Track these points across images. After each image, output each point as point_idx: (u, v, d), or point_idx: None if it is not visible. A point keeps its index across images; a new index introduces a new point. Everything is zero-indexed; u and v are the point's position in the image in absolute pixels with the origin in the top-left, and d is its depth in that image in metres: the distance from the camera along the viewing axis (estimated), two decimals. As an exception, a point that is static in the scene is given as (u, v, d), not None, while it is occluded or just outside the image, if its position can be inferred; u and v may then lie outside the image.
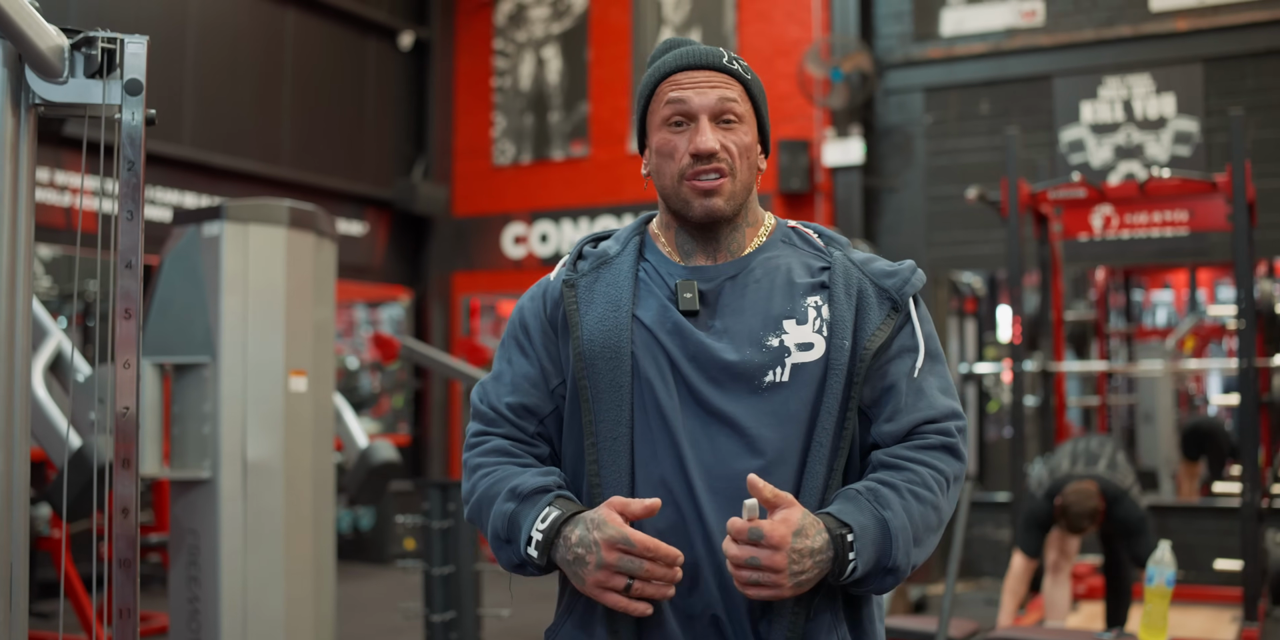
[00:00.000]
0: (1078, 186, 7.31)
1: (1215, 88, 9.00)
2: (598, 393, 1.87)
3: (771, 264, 1.95)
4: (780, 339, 1.87)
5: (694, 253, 1.96)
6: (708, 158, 1.88)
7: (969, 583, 9.20)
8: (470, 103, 12.14)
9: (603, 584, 1.74)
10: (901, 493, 1.80)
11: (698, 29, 10.94)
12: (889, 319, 1.91)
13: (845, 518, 1.75)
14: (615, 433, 1.85)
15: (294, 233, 4.78)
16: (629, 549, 1.72)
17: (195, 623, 4.57)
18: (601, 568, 1.73)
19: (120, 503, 2.26)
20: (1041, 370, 7.79)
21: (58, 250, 8.48)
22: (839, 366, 1.85)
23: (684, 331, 1.87)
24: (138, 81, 2.24)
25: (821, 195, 10.17)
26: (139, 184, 2.25)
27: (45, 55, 2.17)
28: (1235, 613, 7.02)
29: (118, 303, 2.25)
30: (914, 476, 1.83)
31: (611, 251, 1.99)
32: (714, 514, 1.81)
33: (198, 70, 9.74)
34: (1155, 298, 11.87)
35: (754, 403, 1.84)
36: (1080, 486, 5.84)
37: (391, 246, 11.95)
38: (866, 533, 1.75)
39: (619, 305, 1.90)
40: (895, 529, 1.76)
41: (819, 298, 1.91)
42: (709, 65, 1.94)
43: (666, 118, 1.92)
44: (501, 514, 1.85)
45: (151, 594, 8.06)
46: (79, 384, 4.84)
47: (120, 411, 2.26)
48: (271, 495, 4.64)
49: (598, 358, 1.87)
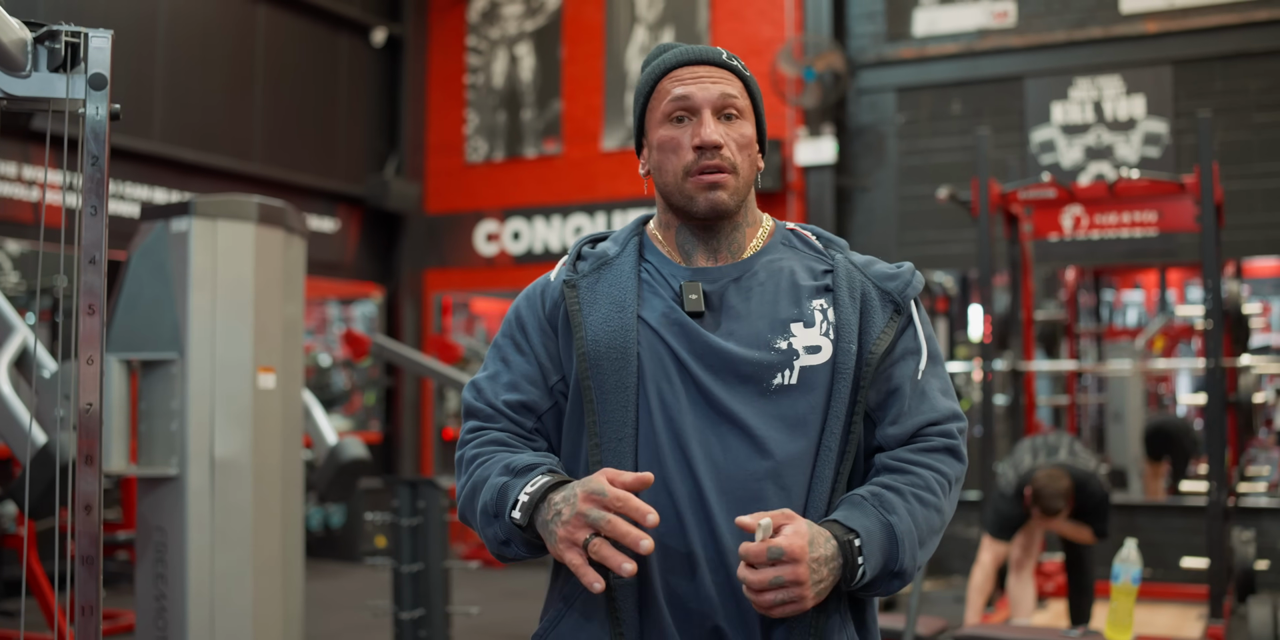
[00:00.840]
0: (1048, 187, 7.35)
1: (1184, 89, 9.06)
2: (603, 394, 1.84)
3: (774, 266, 1.94)
4: (788, 342, 1.86)
5: (695, 253, 1.95)
6: (712, 151, 1.87)
7: (938, 580, 9.24)
8: (443, 100, 12.11)
9: (569, 535, 1.70)
10: (906, 497, 1.80)
11: (670, 27, 10.94)
12: (892, 321, 1.91)
13: (851, 523, 1.75)
14: (620, 434, 1.83)
15: (263, 229, 4.76)
16: (603, 500, 1.68)
17: (162, 621, 4.54)
18: (573, 517, 1.69)
19: (83, 499, 2.25)
20: (1012, 369, 7.83)
21: (25, 245, 8.42)
22: (846, 370, 1.85)
23: (691, 332, 1.86)
24: (102, 76, 2.23)
25: (794, 194, 10.19)
26: (103, 179, 2.23)
27: (8, 49, 2.15)
28: (1201, 610, 7.07)
29: (81, 298, 2.24)
30: (917, 480, 1.83)
31: (610, 252, 1.97)
32: (723, 515, 1.79)
33: (168, 64, 9.68)
34: (1125, 298, 11.93)
35: (762, 405, 1.83)
36: (1048, 471, 5.91)
37: (363, 243, 11.91)
38: (873, 538, 1.75)
39: (623, 306, 1.88)
40: (901, 533, 1.77)
41: (824, 301, 1.90)
42: (710, 61, 1.93)
43: (669, 113, 1.91)
44: (493, 487, 1.81)
45: (119, 591, 8.01)
46: (44, 380, 4.81)
47: (83, 408, 2.25)
48: (240, 492, 4.62)
49: (603, 358, 1.85)
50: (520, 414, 1.93)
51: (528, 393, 1.93)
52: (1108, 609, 5.09)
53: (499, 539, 1.82)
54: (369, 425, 11.80)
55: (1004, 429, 8.43)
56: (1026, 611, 6.40)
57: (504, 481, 1.81)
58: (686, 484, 1.81)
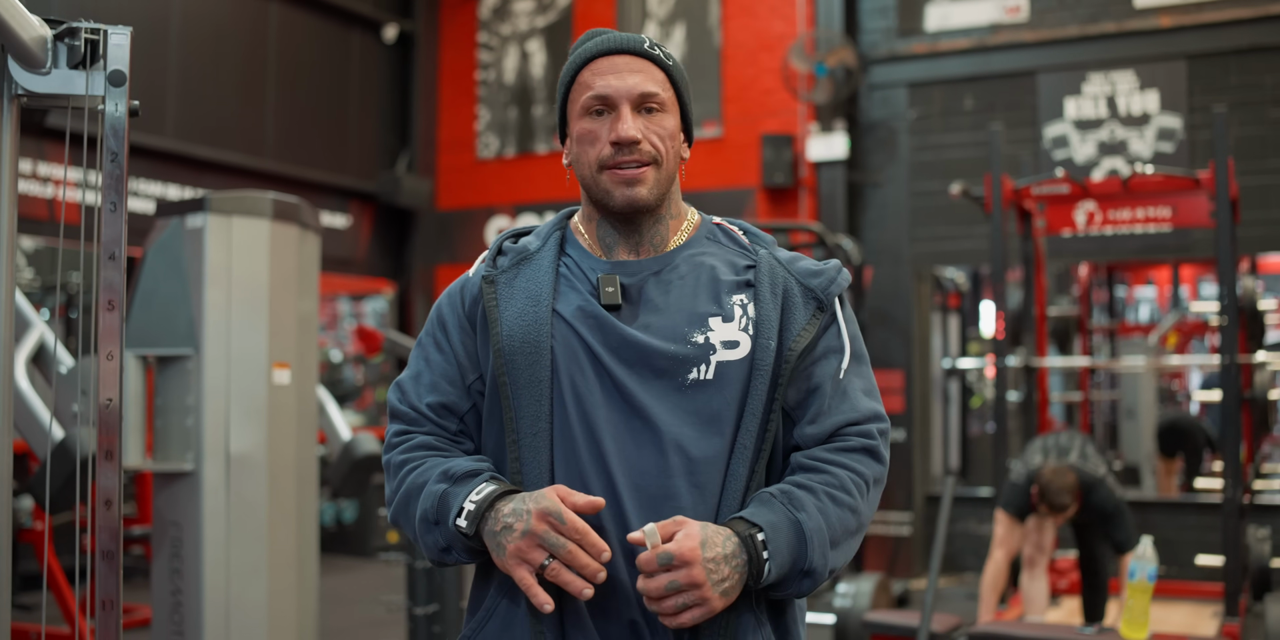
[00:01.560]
0: (1061, 182, 7.33)
1: (1199, 84, 9.03)
2: (517, 389, 1.82)
3: (696, 260, 1.91)
4: (705, 336, 1.83)
5: (616, 246, 1.93)
6: (629, 146, 1.84)
7: (951, 577, 9.23)
8: (454, 96, 12.12)
9: (522, 553, 1.69)
10: (817, 494, 1.77)
11: (682, 23, 10.93)
12: (814, 319, 1.88)
13: (755, 519, 1.72)
14: (535, 429, 1.81)
15: (278, 225, 4.77)
16: (559, 524, 1.67)
17: (178, 615, 4.56)
18: (526, 535, 1.68)
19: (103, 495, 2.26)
20: (1024, 366, 7.81)
21: (40, 242, 8.44)
22: (764, 366, 1.82)
23: (606, 325, 1.83)
24: (121, 72, 2.23)
25: (805, 190, 10.17)
26: (122, 175, 2.24)
27: (28, 46, 2.16)
28: (1216, 608, 7.05)
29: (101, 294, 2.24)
30: (831, 479, 1.80)
31: (532, 247, 1.95)
32: (636, 512, 1.77)
33: (181, 62, 9.70)
34: (1138, 294, 11.91)
35: (678, 400, 1.81)
36: (1054, 467, 5.90)
37: (375, 239, 11.92)
38: (779, 533, 1.72)
39: (538, 300, 1.86)
40: (809, 530, 1.73)
41: (744, 296, 1.87)
42: (630, 50, 1.90)
43: (587, 106, 1.88)
44: (432, 494, 1.80)
45: (134, 586, 8.04)
46: (61, 376, 4.82)
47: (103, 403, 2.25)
48: (255, 487, 4.63)
49: (517, 353, 1.83)
50: (443, 417, 1.91)
51: (448, 394, 1.91)
52: (1123, 606, 5.08)
53: (439, 546, 1.81)
54: (381, 421, 11.81)
55: (1017, 425, 8.42)
56: (1040, 608, 6.40)
57: (443, 489, 1.79)
58: (601, 480, 1.79)
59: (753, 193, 10.37)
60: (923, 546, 9.61)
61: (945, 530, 5.61)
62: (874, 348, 9.62)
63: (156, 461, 4.63)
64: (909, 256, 9.80)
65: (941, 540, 5.54)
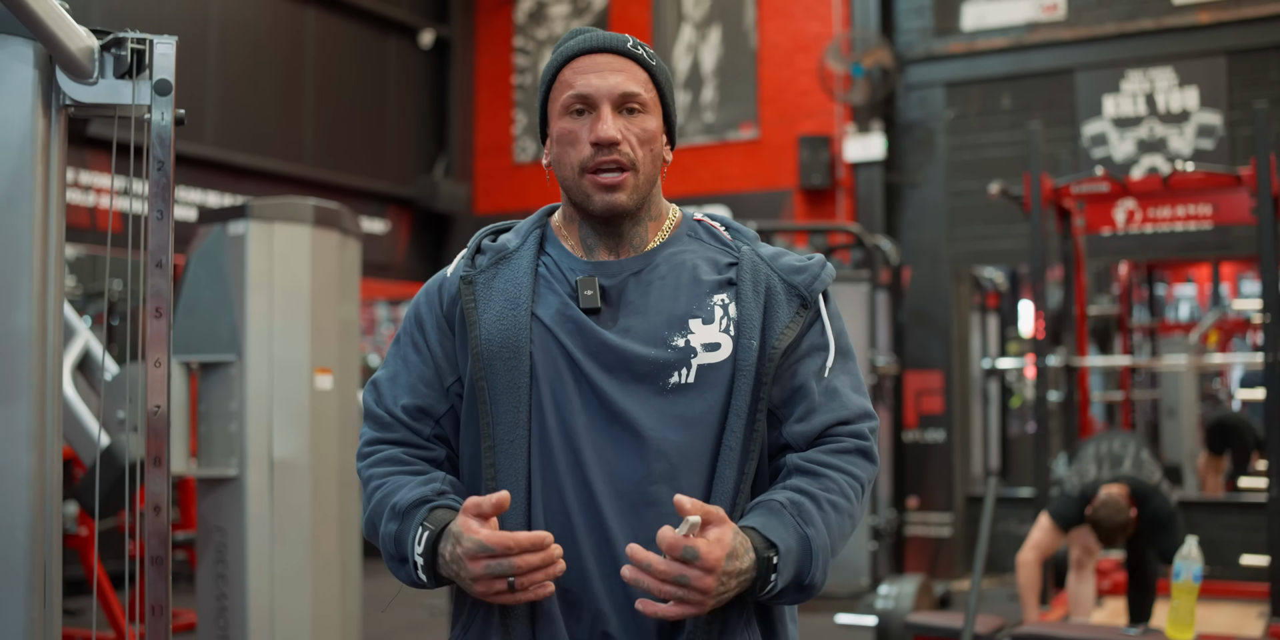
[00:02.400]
0: (1100, 181, 7.29)
1: (1239, 80, 8.96)
2: (495, 394, 1.79)
3: (677, 260, 1.88)
4: (686, 339, 1.80)
5: (596, 247, 1.89)
6: (609, 147, 1.80)
7: (994, 578, 9.19)
8: (491, 100, 12.15)
9: (486, 590, 1.67)
10: (822, 505, 1.75)
11: (718, 25, 10.93)
12: (798, 316, 1.84)
13: (771, 536, 1.69)
14: (512, 435, 1.78)
15: (319, 231, 4.80)
16: (490, 553, 1.64)
17: (223, 620, 4.59)
18: (476, 580, 1.66)
19: (151, 500, 2.28)
20: (1065, 365, 7.76)
21: (81, 250, 8.52)
22: (747, 367, 1.79)
23: (585, 329, 1.80)
24: (167, 82, 2.25)
25: (843, 191, 10.16)
26: (169, 184, 2.26)
27: (76, 56, 2.18)
28: (1262, 608, 6.98)
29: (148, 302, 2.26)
30: (832, 485, 1.78)
31: (511, 245, 1.91)
32: (615, 519, 1.75)
33: (220, 70, 9.77)
34: (1178, 292, 11.82)
35: (659, 404, 1.78)
36: (1110, 496, 5.76)
37: (413, 244, 11.97)
38: (790, 553, 1.69)
39: (517, 302, 1.83)
40: (817, 548, 1.71)
41: (725, 296, 1.84)
42: (613, 49, 1.86)
43: (567, 105, 1.84)
44: (388, 535, 1.79)
45: (178, 591, 8.09)
46: (107, 383, 4.87)
47: (151, 410, 2.27)
48: (298, 493, 4.66)
49: (495, 357, 1.80)
50: (417, 420, 1.88)
51: (424, 397, 1.88)
52: (1168, 607, 5.04)
53: (411, 580, 1.80)
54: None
55: (1057, 425, 8.37)
56: (1086, 610, 6.36)
57: (395, 529, 1.78)
58: (578, 487, 1.76)
59: (790, 194, 10.35)
60: (964, 548, 9.56)
61: (988, 531, 5.58)
62: (913, 348, 9.59)
63: (200, 467, 4.67)
64: (947, 257, 9.76)
65: (985, 541, 5.52)
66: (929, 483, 9.69)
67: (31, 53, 2.17)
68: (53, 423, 2.26)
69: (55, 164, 2.24)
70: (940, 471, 9.62)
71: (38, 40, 2.14)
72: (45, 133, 2.21)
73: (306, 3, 10.66)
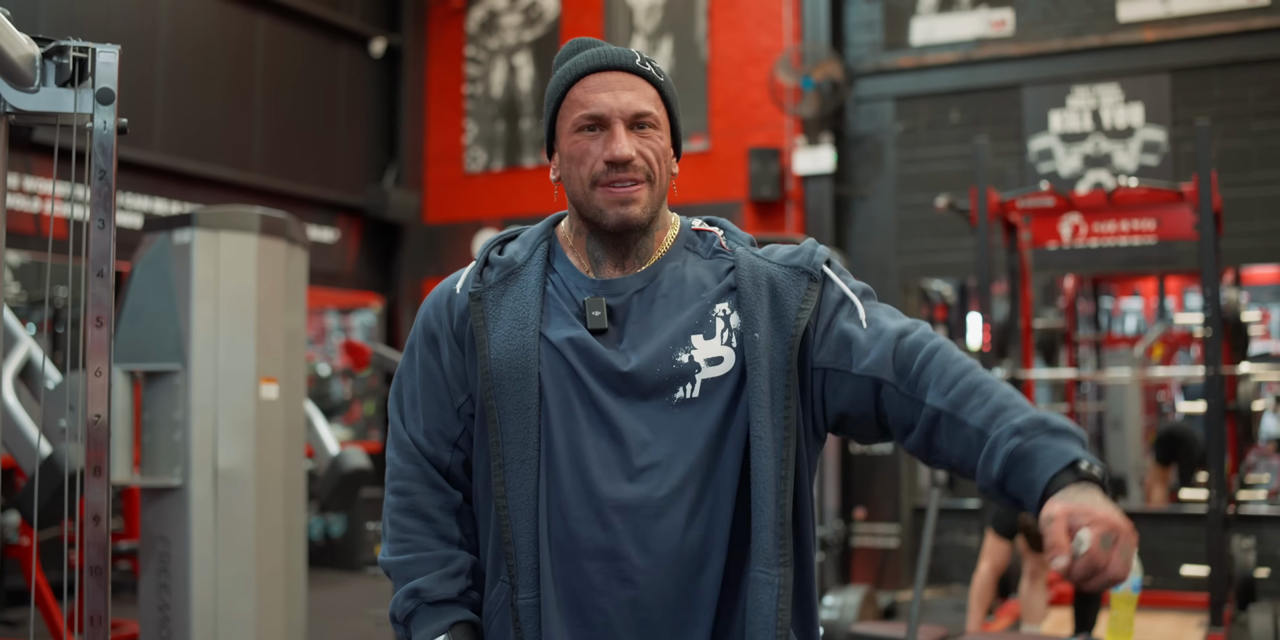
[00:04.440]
0: (1046, 195, 7.37)
1: (1182, 98, 9.08)
2: (505, 414, 1.81)
3: (678, 275, 1.90)
4: (689, 355, 1.82)
5: (604, 261, 1.91)
6: (624, 165, 1.82)
7: (938, 589, 9.24)
8: (442, 110, 12.14)
9: None
10: (1015, 400, 1.72)
11: (669, 37, 10.97)
12: (809, 292, 1.86)
13: (1077, 454, 1.63)
14: (523, 455, 1.80)
15: (265, 240, 4.78)
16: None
17: (166, 630, 4.55)
18: None
19: (91, 510, 2.27)
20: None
21: (26, 256, 8.43)
22: (756, 361, 1.80)
23: (592, 351, 1.82)
24: (109, 90, 2.24)
25: (792, 203, 10.21)
26: (111, 192, 2.25)
27: (17, 64, 2.17)
28: (1201, 618, 7.07)
29: (89, 310, 2.25)
30: (984, 386, 1.75)
31: (519, 258, 1.92)
32: (630, 536, 1.77)
33: (168, 76, 9.71)
34: (1124, 305, 11.96)
35: (666, 421, 1.80)
36: None
37: (363, 253, 11.93)
38: (1076, 444, 1.65)
39: (526, 323, 1.84)
40: (1057, 425, 1.67)
41: (727, 305, 1.87)
42: (622, 67, 1.88)
43: (579, 123, 1.86)
44: (404, 609, 1.87)
45: (121, 601, 8.01)
46: (49, 391, 4.82)
47: (92, 419, 2.26)
48: (243, 502, 4.64)
49: (505, 378, 1.82)
50: (436, 445, 1.92)
51: (440, 421, 1.92)
52: (1108, 617, 5.10)
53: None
54: (369, 435, 11.81)
55: (1004, 437, 8.43)
56: (1038, 617, 6.42)
57: (412, 608, 1.87)
58: (587, 508, 1.78)
59: (740, 206, 10.40)
60: (910, 558, 9.62)
61: (931, 542, 5.63)
62: (861, 360, 9.63)
63: (144, 476, 4.64)
64: (896, 269, 9.83)
65: (928, 552, 5.56)
66: (876, 494, 9.74)
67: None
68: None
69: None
70: (888, 483, 9.68)
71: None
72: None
73: (257, 10, 10.61)
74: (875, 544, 9.67)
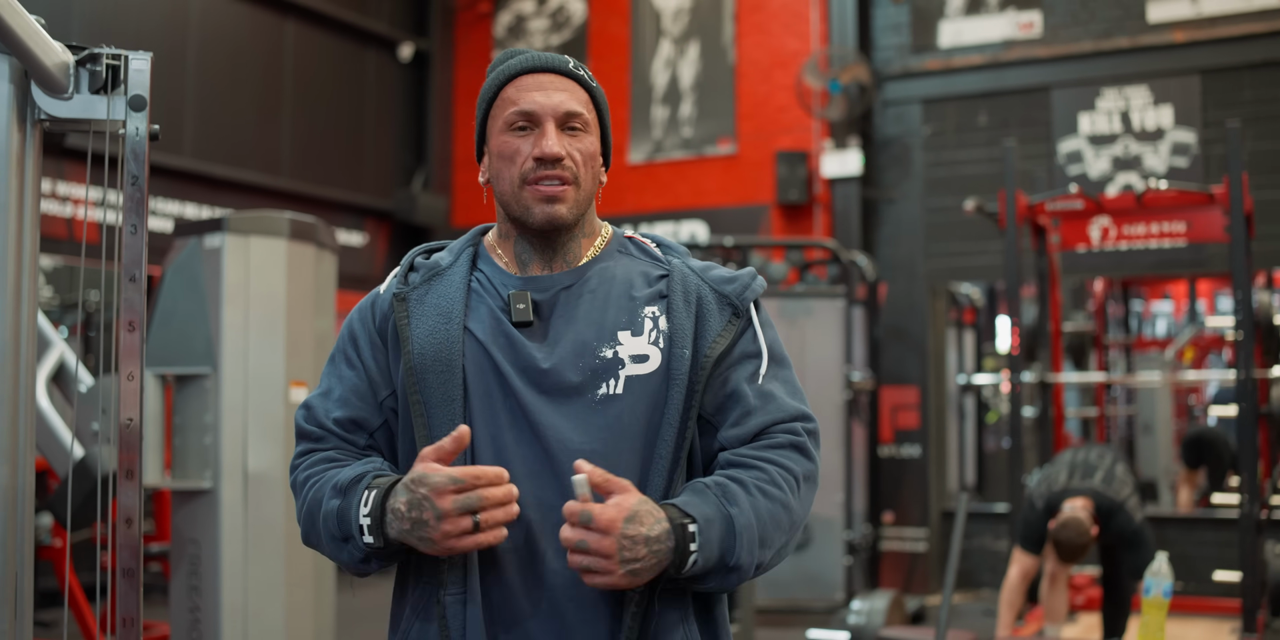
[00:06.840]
0: (1075, 198, 7.34)
1: (1213, 99, 9.03)
2: (430, 407, 1.81)
3: (608, 274, 1.91)
4: (614, 351, 1.82)
5: (531, 262, 1.91)
6: (552, 163, 1.83)
7: (967, 593, 9.21)
8: (469, 113, 12.16)
9: (450, 533, 1.66)
10: (749, 489, 1.75)
11: (696, 40, 10.97)
12: (730, 325, 1.86)
13: (689, 509, 1.69)
14: None
15: (295, 244, 4.81)
16: (460, 486, 1.65)
17: (196, 632, 4.58)
18: (443, 517, 1.65)
19: (124, 513, 2.28)
20: (1040, 381, 7.81)
21: (59, 260, 8.50)
22: (679, 376, 1.80)
23: (515, 343, 1.83)
24: (141, 97, 2.26)
25: (820, 207, 10.20)
26: (143, 198, 2.27)
27: (51, 72, 2.19)
28: (1234, 624, 7.02)
29: (121, 315, 2.27)
30: (761, 475, 1.78)
31: (444, 262, 1.93)
32: (544, 532, 1.77)
33: (199, 82, 9.77)
34: (1154, 308, 11.90)
35: (587, 416, 1.80)
36: (1073, 517, 5.76)
37: (391, 257, 11.97)
38: (711, 526, 1.69)
39: (450, 317, 1.84)
40: (740, 527, 1.71)
41: (656, 308, 1.87)
42: (555, 69, 1.90)
43: (510, 121, 1.87)
44: (330, 512, 1.79)
45: (152, 603, 8.06)
46: (82, 394, 4.86)
47: (124, 422, 2.28)
48: (272, 505, 4.66)
49: (428, 371, 1.81)
50: (351, 432, 1.90)
51: (358, 409, 1.90)
52: (1139, 623, 5.07)
53: (356, 560, 1.80)
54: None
55: (1032, 441, 8.41)
56: (1059, 617, 6.38)
57: (337, 505, 1.78)
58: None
59: (767, 209, 10.39)
60: (938, 563, 9.59)
61: (960, 546, 5.60)
62: (889, 363, 9.63)
63: (175, 479, 4.67)
64: (924, 272, 9.81)
65: (956, 556, 5.54)
66: (905, 498, 9.71)
67: (7, 67, 2.17)
68: (26, 434, 2.26)
69: (30, 177, 2.24)
70: (916, 487, 9.65)
71: (13, 55, 2.15)
72: (20, 146, 2.22)
73: (286, 16, 10.67)
74: (904, 548, 9.64)
